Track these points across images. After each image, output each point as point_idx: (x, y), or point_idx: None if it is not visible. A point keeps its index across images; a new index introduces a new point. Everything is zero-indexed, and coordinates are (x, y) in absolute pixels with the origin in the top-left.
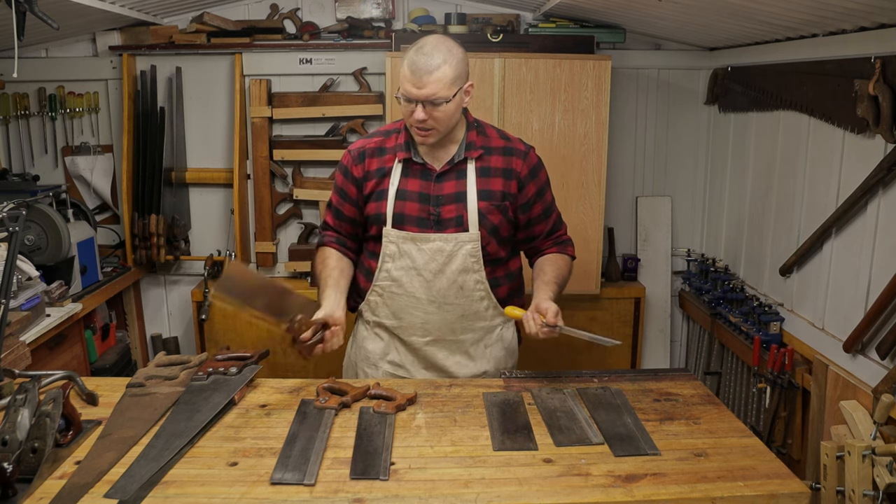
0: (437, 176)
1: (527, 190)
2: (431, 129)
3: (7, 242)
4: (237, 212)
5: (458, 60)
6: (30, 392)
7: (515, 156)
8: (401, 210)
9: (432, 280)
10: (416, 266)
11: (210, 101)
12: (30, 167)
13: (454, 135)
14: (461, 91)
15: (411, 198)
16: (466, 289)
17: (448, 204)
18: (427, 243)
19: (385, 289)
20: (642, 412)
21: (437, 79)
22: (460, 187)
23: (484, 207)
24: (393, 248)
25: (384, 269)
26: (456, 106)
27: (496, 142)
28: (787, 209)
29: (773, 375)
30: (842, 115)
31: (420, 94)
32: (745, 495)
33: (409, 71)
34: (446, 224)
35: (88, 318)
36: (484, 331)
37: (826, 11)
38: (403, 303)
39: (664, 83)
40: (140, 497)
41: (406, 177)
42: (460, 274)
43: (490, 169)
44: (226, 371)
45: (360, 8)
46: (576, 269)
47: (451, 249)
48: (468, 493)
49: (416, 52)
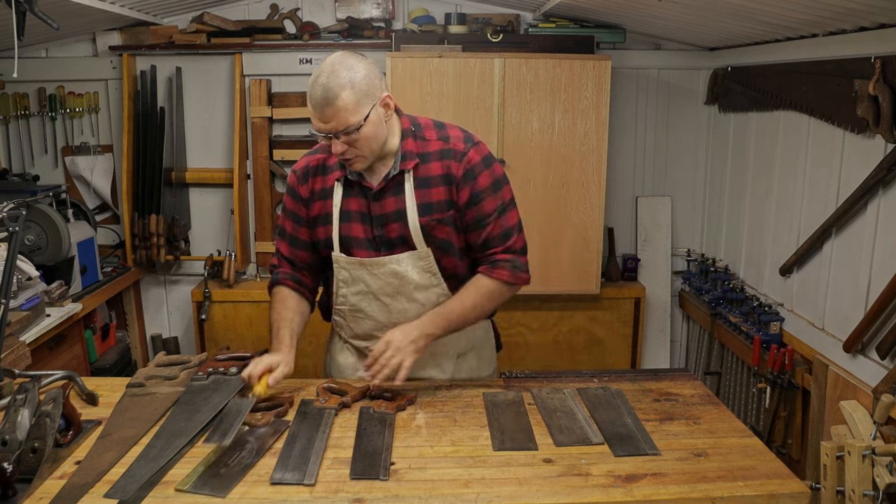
0: (374, 194)
1: (461, 194)
2: (355, 157)
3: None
4: (237, 212)
5: (359, 79)
6: (30, 392)
7: (452, 158)
8: (347, 233)
9: (390, 303)
10: (371, 290)
11: (210, 101)
12: (30, 167)
13: (387, 148)
14: (374, 108)
15: (355, 219)
16: (429, 304)
17: (390, 223)
18: (380, 268)
19: (346, 313)
20: (642, 412)
21: (340, 108)
22: (399, 204)
23: (425, 223)
24: (345, 274)
25: (340, 295)
26: (373, 126)
27: (434, 145)
28: (787, 209)
29: (773, 375)
30: (842, 115)
31: (328, 128)
32: (745, 495)
33: (310, 106)
34: (393, 244)
35: (88, 318)
36: (453, 338)
37: (826, 11)
38: (366, 326)
39: (664, 83)
40: (140, 497)
41: (347, 196)
42: (418, 291)
43: (430, 179)
44: (226, 371)
45: (360, 8)
46: (576, 269)
47: (402, 270)
48: (468, 493)
49: (313, 85)
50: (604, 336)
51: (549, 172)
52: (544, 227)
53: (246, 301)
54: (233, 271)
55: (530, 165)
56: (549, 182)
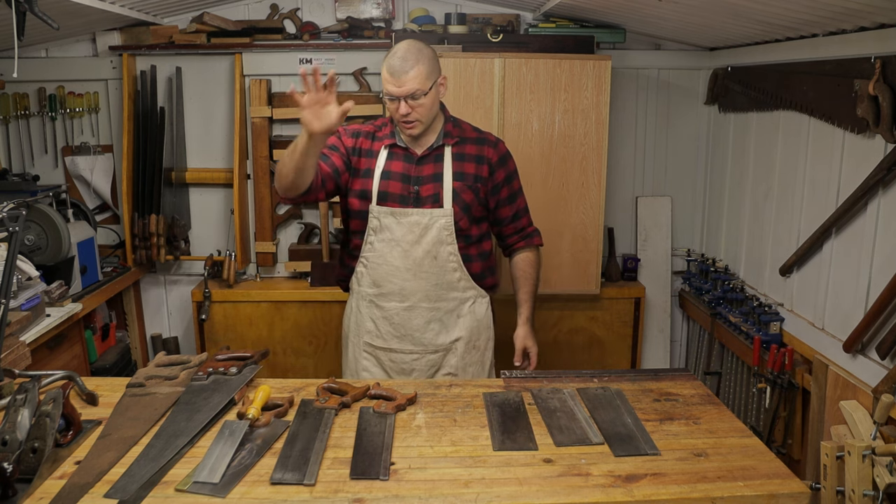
0: (418, 159)
1: (496, 175)
2: (415, 120)
3: (7, 242)
4: (237, 212)
5: (428, 59)
6: (30, 392)
7: (487, 145)
8: (385, 188)
9: (409, 250)
10: (395, 238)
11: (210, 101)
12: (30, 167)
13: (433, 126)
14: (436, 84)
15: (395, 178)
16: (440, 259)
17: (427, 183)
18: (406, 217)
19: (369, 259)
20: (642, 412)
21: (413, 77)
22: (437, 169)
23: (458, 187)
24: (376, 223)
25: (369, 242)
26: (433, 98)
27: (470, 133)
28: (787, 209)
29: (773, 375)
30: (842, 115)
31: (401, 92)
32: (745, 495)
33: (388, 74)
34: (424, 201)
35: (88, 318)
36: (457, 301)
37: (826, 11)
38: (384, 271)
39: (664, 83)
40: (140, 497)
41: (391, 160)
42: (434, 245)
43: (465, 155)
44: (226, 371)
45: (360, 8)
46: (576, 269)
47: (426, 222)
48: (468, 493)
49: (392, 57)
50: (604, 336)
51: (549, 172)
52: (544, 227)
53: (246, 301)
54: (233, 271)
55: (530, 165)
56: (549, 182)
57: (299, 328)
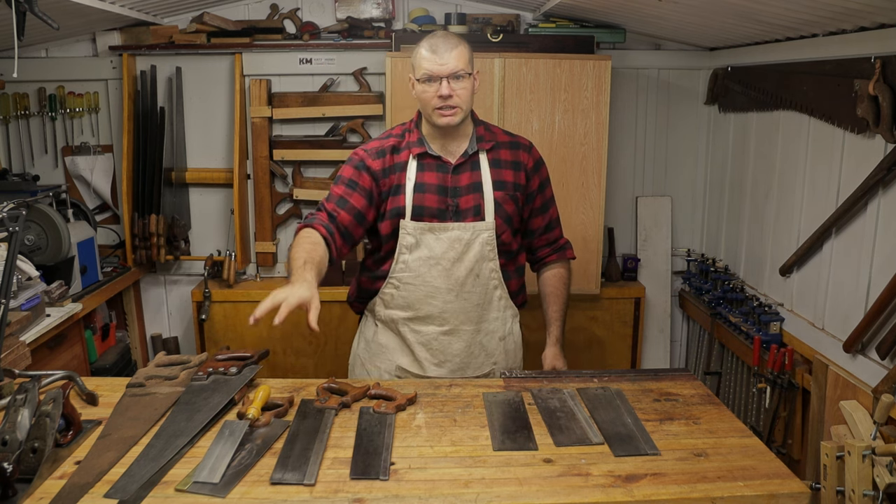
0: (454, 168)
1: (532, 182)
2: (456, 106)
3: (7, 242)
4: (237, 212)
5: (468, 45)
6: (30, 392)
7: (521, 149)
8: (420, 203)
9: (451, 268)
10: (434, 255)
11: (210, 101)
12: (30, 167)
13: (465, 129)
14: (474, 73)
15: (430, 190)
16: (482, 277)
17: (466, 194)
18: (445, 232)
19: (402, 280)
20: (642, 412)
21: (458, 55)
22: (475, 178)
23: (499, 197)
24: (411, 240)
25: (401, 261)
26: (472, 86)
27: (502, 137)
28: (787, 209)
29: (773, 375)
30: (842, 115)
31: (444, 70)
32: (745, 495)
33: (429, 52)
34: (465, 214)
35: (88, 318)
36: (498, 322)
37: (826, 11)
38: (421, 293)
39: (664, 83)
40: (140, 497)
41: (422, 171)
42: (477, 262)
43: (501, 161)
44: (226, 371)
45: (360, 8)
46: (576, 269)
47: (468, 238)
48: (468, 493)
49: (432, 38)
50: (604, 336)
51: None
52: None
53: (246, 301)
54: (233, 271)
55: None
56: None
57: (299, 328)
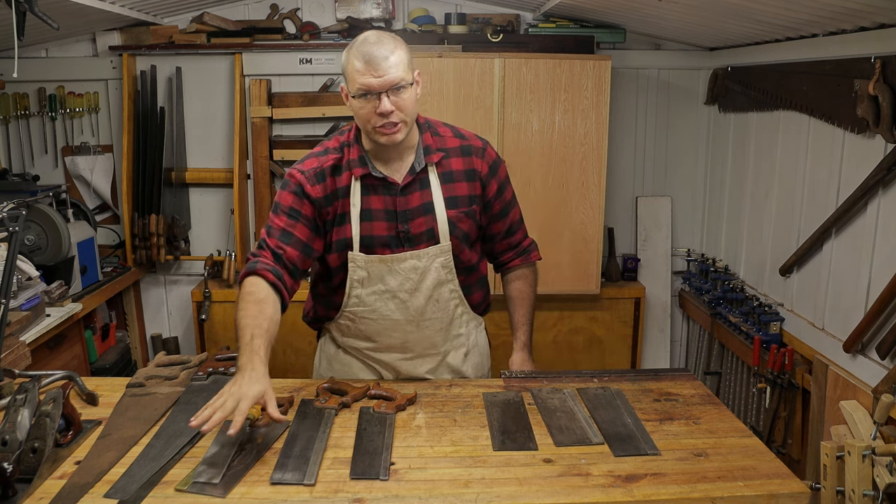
0: (401, 189)
1: (489, 188)
2: (399, 121)
3: (7, 242)
4: (237, 212)
5: (405, 46)
6: (30, 392)
7: (474, 154)
8: (368, 232)
9: (408, 300)
10: (389, 289)
11: (210, 102)
12: (30, 167)
13: (409, 140)
14: (415, 78)
15: (378, 217)
16: (442, 301)
17: (416, 217)
18: (400, 263)
19: (356, 314)
20: (642, 412)
21: (395, 63)
22: (426, 198)
23: (453, 216)
24: (362, 273)
25: (353, 296)
26: (414, 94)
27: (452, 142)
28: (787, 209)
29: (773, 375)
30: (842, 115)
31: (382, 83)
32: (745, 495)
33: (363, 63)
34: (417, 239)
35: (88, 318)
36: (463, 338)
37: (826, 11)
38: (379, 326)
39: (664, 83)
40: (140, 497)
41: (367, 195)
42: (435, 288)
43: (452, 173)
44: (226, 371)
45: (360, 8)
46: (576, 269)
47: (424, 266)
48: (468, 493)
49: (363, 45)
50: (604, 336)
51: (549, 172)
52: (544, 227)
53: None
54: (233, 271)
55: (530, 165)
56: (549, 182)
57: (299, 328)
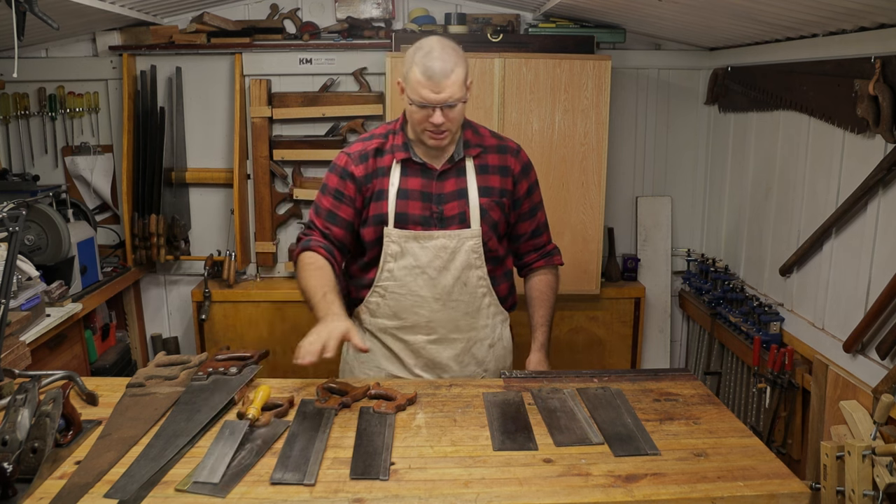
0: (438, 174)
1: (519, 187)
2: (446, 130)
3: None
4: (237, 212)
5: (464, 60)
6: (30, 392)
7: (509, 154)
8: (403, 209)
9: (436, 277)
10: (419, 264)
11: (210, 101)
12: (30, 167)
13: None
14: (468, 89)
15: (413, 196)
16: (470, 285)
17: (450, 201)
18: (430, 241)
19: (387, 289)
20: (642, 412)
21: (454, 82)
22: (461, 185)
23: (485, 203)
24: (395, 248)
25: (386, 270)
26: (464, 105)
27: (489, 140)
28: (787, 209)
29: (773, 375)
30: (842, 115)
31: (439, 99)
32: (745, 495)
33: (424, 77)
34: (449, 221)
35: (88, 318)
36: (488, 329)
37: (826, 11)
38: (407, 302)
39: (664, 83)
40: (140, 497)
41: (406, 176)
42: (464, 270)
43: (488, 166)
44: (226, 371)
45: (360, 8)
46: (576, 269)
47: (454, 246)
48: (468, 493)
49: (428, 58)
50: (604, 336)
51: (549, 172)
52: None
53: (246, 301)
54: (233, 271)
55: None
56: (549, 182)
57: (299, 328)
